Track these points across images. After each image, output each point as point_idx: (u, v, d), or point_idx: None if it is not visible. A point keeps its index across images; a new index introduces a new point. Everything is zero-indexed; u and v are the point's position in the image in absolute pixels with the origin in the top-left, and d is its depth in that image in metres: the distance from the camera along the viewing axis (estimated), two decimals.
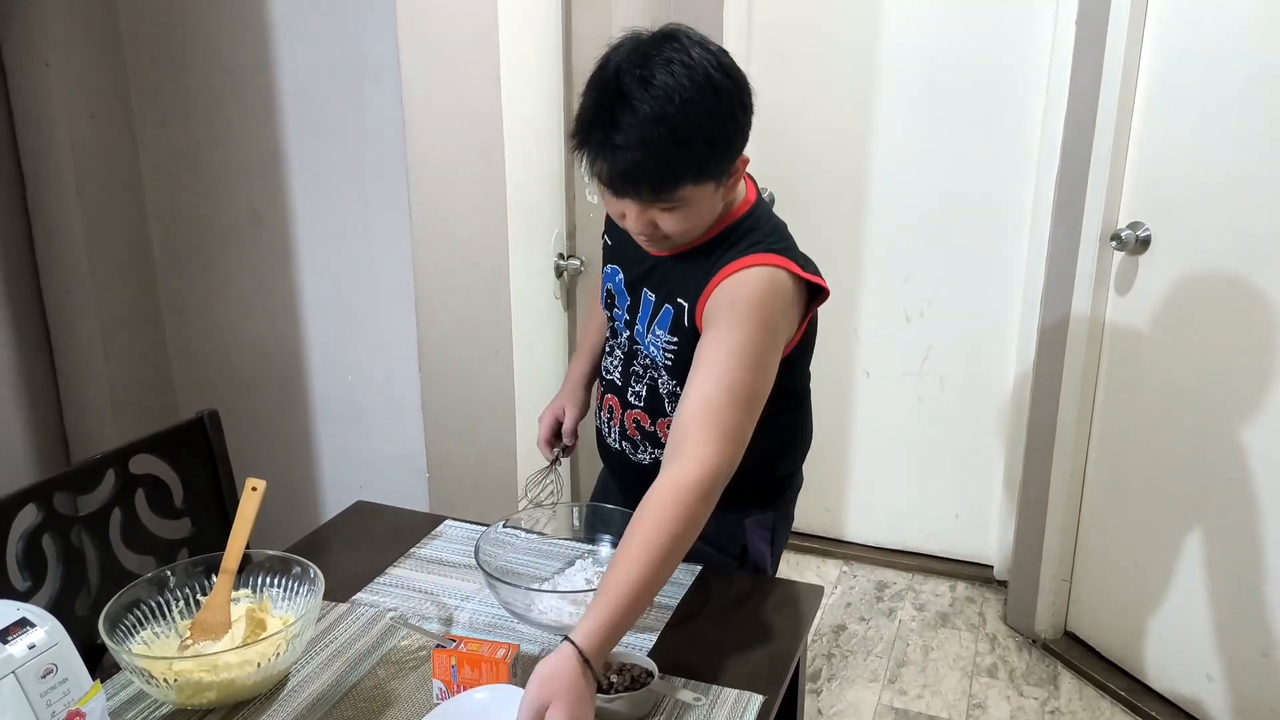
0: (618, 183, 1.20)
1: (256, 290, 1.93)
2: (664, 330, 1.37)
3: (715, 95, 1.17)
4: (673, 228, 1.26)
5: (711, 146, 1.19)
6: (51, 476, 1.39)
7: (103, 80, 1.84)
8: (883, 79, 2.71)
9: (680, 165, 1.18)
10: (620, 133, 1.16)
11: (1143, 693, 2.39)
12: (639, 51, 1.18)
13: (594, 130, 1.19)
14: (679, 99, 1.15)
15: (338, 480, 1.97)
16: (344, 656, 1.29)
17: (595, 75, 1.21)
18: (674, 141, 1.16)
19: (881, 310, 2.88)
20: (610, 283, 1.47)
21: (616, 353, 1.49)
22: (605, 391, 1.52)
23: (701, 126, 1.17)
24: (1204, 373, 2.14)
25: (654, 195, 1.21)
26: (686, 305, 1.33)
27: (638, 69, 1.16)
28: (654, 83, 1.15)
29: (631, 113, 1.15)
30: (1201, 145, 2.10)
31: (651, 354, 1.41)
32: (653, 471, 1.24)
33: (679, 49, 1.17)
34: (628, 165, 1.17)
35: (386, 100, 1.72)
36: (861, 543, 3.10)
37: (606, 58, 1.21)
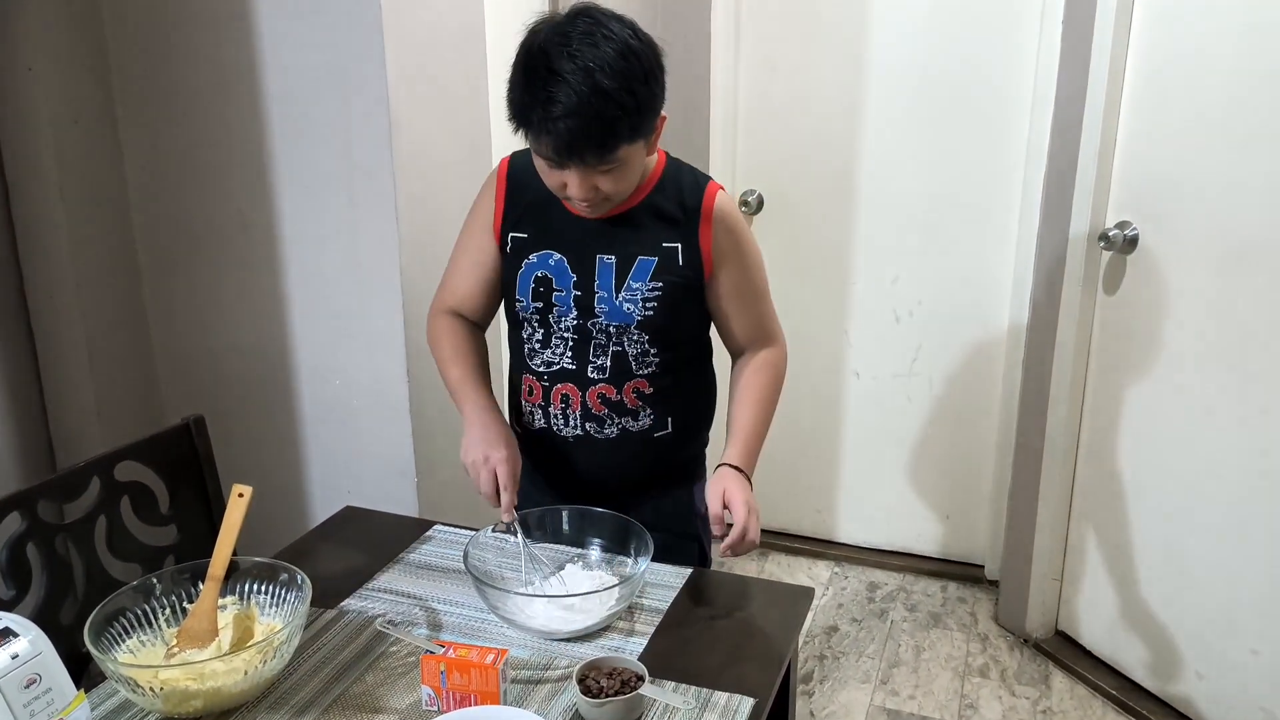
0: (563, 153, 1.29)
1: (243, 293, 1.92)
2: (643, 281, 1.44)
3: (636, 59, 1.28)
4: (612, 188, 1.36)
5: (640, 106, 1.29)
6: (35, 484, 1.37)
7: (86, 85, 1.83)
8: (871, 81, 2.71)
9: (617, 126, 1.28)
10: (557, 104, 1.25)
11: (1134, 691, 2.39)
12: (560, 31, 1.28)
13: (532, 109, 1.27)
14: (607, 67, 1.25)
15: (326, 485, 1.96)
16: (332, 663, 1.28)
17: (520, 59, 1.30)
18: (608, 105, 1.26)
19: (871, 311, 2.88)
20: (541, 269, 1.46)
21: (556, 341, 1.48)
22: (551, 384, 1.50)
23: (630, 89, 1.27)
24: (1193, 371, 2.15)
25: (597, 159, 1.30)
26: (679, 245, 1.44)
27: (563, 46, 1.26)
28: (582, 56, 1.25)
29: (565, 85, 1.25)
30: (1189, 144, 2.10)
31: (621, 314, 1.44)
32: (623, 441, 1.51)
33: (595, 24, 1.28)
34: (570, 134, 1.26)
35: (372, 101, 1.71)
36: (852, 544, 3.10)
37: (528, 42, 1.30)
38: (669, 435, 1.55)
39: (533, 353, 1.51)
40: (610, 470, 1.55)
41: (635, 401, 1.50)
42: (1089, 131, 2.27)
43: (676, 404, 1.54)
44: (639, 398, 1.50)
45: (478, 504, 2.08)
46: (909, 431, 2.94)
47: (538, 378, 1.51)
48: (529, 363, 1.52)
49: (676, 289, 1.45)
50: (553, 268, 1.46)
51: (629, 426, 1.51)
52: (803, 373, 3.00)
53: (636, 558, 1.42)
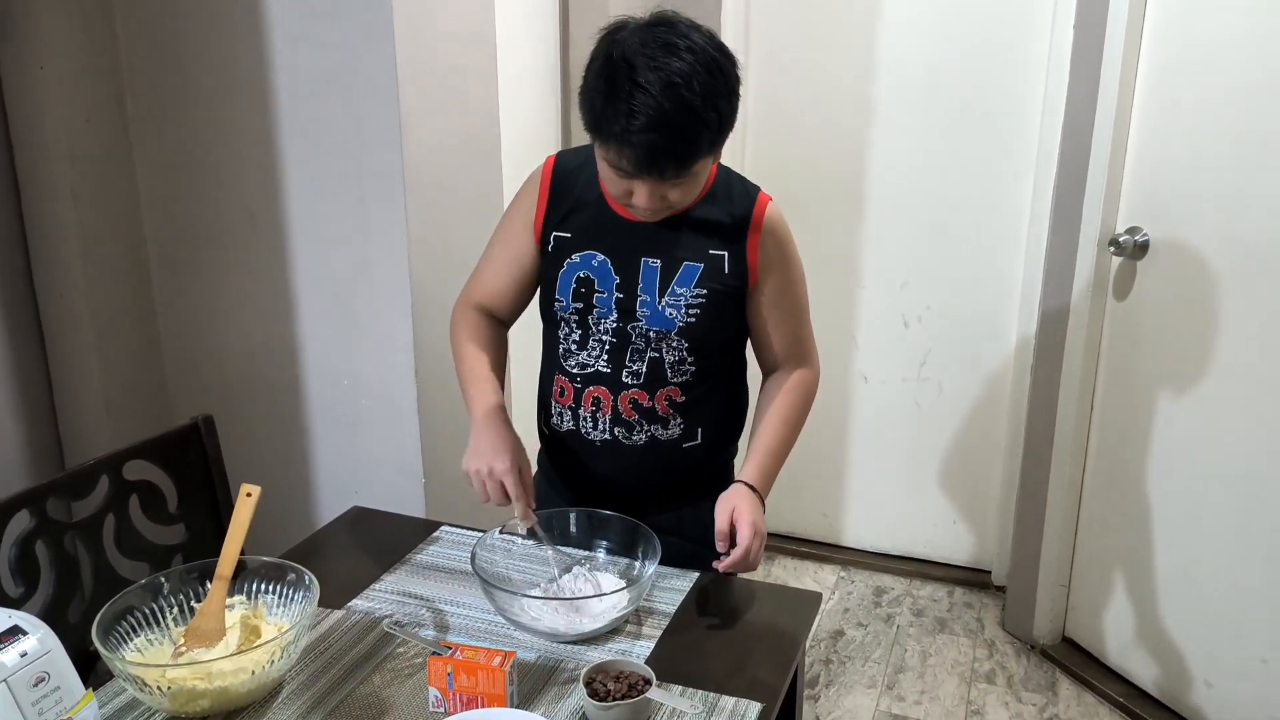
0: (643, 166, 1.26)
1: (252, 293, 1.92)
2: (688, 287, 1.42)
3: (721, 75, 1.26)
4: (680, 197, 1.35)
5: (721, 120, 1.28)
6: (45, 483, 1.38)
7: (98, 83, 1.83)
8: (880, 83, 2.71)
9: (699, 141, 1.26)
10: (639, 117, 1.22)
11: (1141, 699, 2.38)
12: (644, 40, 1.25)
13: (614, 120, 1.24)
14: (694, 82, 1.23)
15: (334, 485, 1.96)
16: (339, 664, 1.28)
17: (600, 65, 1.27)
18: (692, 121, 1.24)
19: (879, 315, 2.88)
20: (584, 270, 1.44)
21: (593, 344, 1.47)
22: (583, 386, 1.49)
23: (713, 104, 1.25)
24: (1203, 378, 2.14)
25: (675, 173, 1.29)
26: (726, 254, 1.43)
27: (648, 57, 1.23)
28: (668, 69, 1.22)
29: (650, 98, 1.22)
30: (1199, 150, 2.10)
31: (663, 319, 1.43)
32: (651, 449, 1.49)
33: (679, 34, 1.25)
34: (652, 148, 1.24)
35: (383, 103, 1.71)
36: (859, 548, 3.09)
37: (607, 49, 1.27)
38: (698, 446, 1.53)
39: (568, 353, 1.49)
40: (635, 477, 1.53)
41: (666, 409, 1.48)
42: (1100, 136, 2.26)
43: (707, 415, 1.52)
44: (670, 405, 1.48)
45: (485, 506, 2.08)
46: (916, 436, 2.93)
47: (570, 379, 1.50)
48: (563, 363, 1.50)
49: (720, 297, 1.44)
50: (596, 269, 1.44)
51: (658, 434, 1.49)
52: None
53: (644, 561, 1.41)
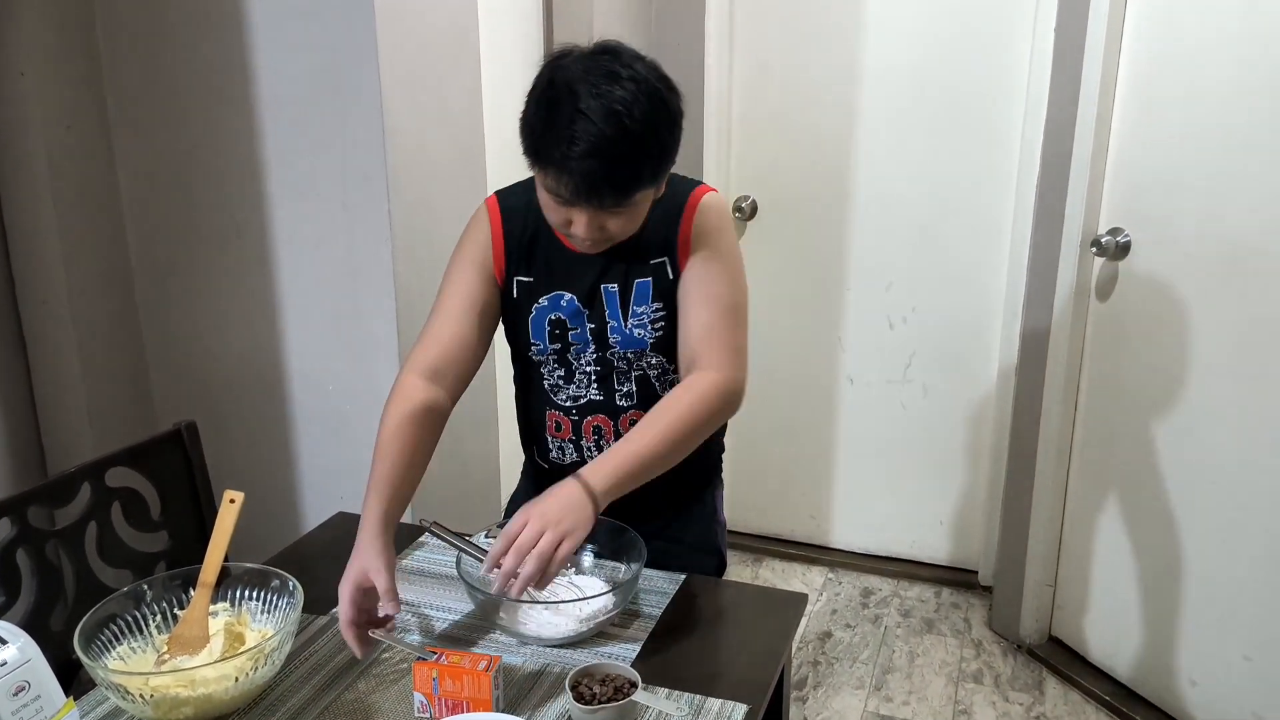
0: (581, 193, 1.24)
1: (236, 299, 1.91)
2: (646, 304, 1.40)
3: (663, 104, 1.24)
4: (619, 229, 1.32)
5: (663, 150, 1.26)
6: (26, 490, 1.37)
7: (79, 89, 1.83)
8: (864, 87, 2.72)
9: (638, 169, 1.24)
10: (579, 145, 1.20)
11: (1127, 697, 2.39)
12: (586, 68, 1.23)
13: (553, 146, 1.22)
14: (635, 110, 1.21)
15: (319, 491, 1.95)
16: (324, 670, 1.28)
17: (543, 91, 1.25)
18: (632, 149, 1.22)
19: (864, 317, 2.89)
20: (554, 312, 1.42)
21: (579, 377, 1.46)
22: (581, 417, 1.47)
23: (655, 133, 1.23)
24: (1185, 377, 2.15)
25: (614, 202, 1.26)
26: (666, 259, 1.40)
27: (590, 84, 1.21)
28: (610, 96, 1.20)
29: (591, 125, 1.20)
30: (1180, 150, 2.11)
31: (634, 341, 1.42)
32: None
33: (623, 64, 1.24)
34: (590, 175, 1.22)
35: (366, 108, 1.71)
36: (847, 549, 3.10)
37: (550, 75, 1.25)
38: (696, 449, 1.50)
39: (556, 388, 1.47)
40: (646, 491, 1.35)
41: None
42: (1081, 138, 2.28)
43: None
44: None
45: (471, 511, 2.08)
46: (902, 438, 2.94)
47: (565, 412, 1.48)
48: (553, 398, 1.48)
49: (674, 305, 1.41)
50: (565, 308, 1.42)
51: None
52: (796, 378, 3.01)
53: (630, 564, 1.41)
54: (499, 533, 1.45)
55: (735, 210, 2.90)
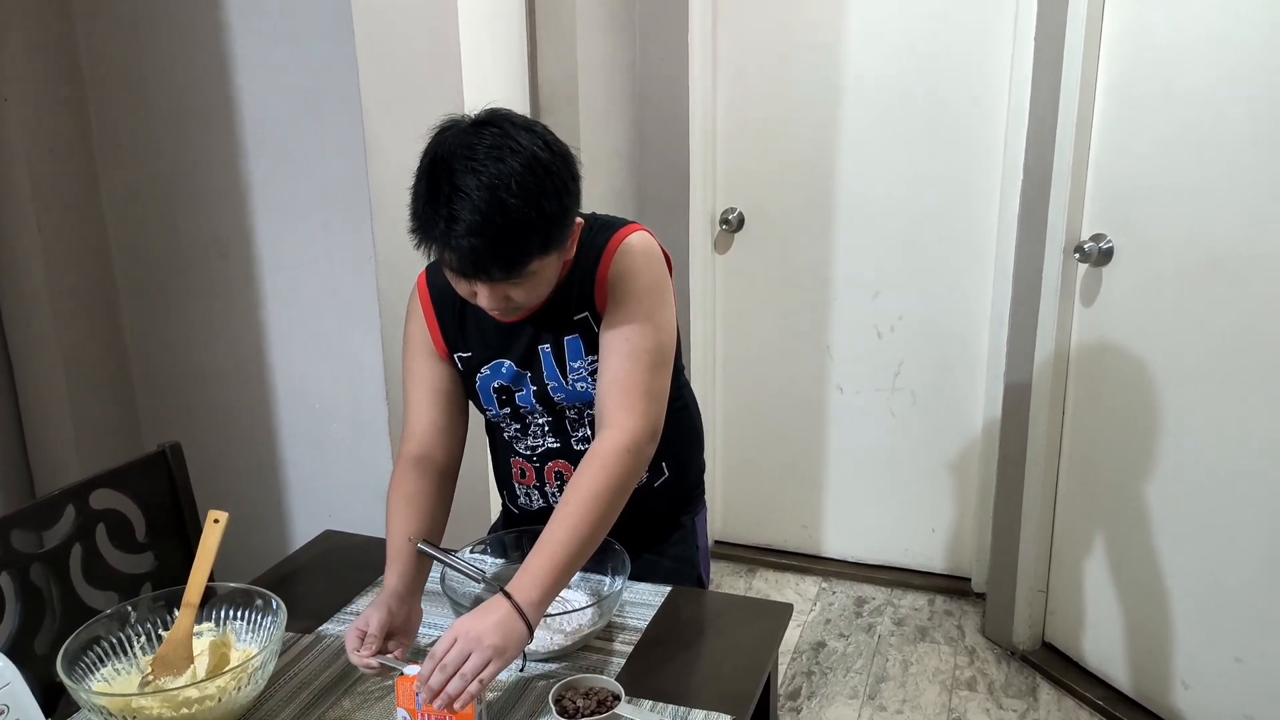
0: (468, 269, 1.21)
1: (220, 319, 1.92)
2: (580, 359, 1.39)
3: (546, 174, 1.20)
4: (524, 298, 1.28)
5: (549, 221, 1.21)
6: (9, 513, 1.37)
7: (62, 113, 1.84)
8: (848, 97, 2.74)
9: (524, 243, 1.21)
10: (460, 223, 1.17)
11: (1120, 702, 2.39)
12: (464, 143, 1.20)
13: (434, 224, 1.19)
14: (513, 184, 1.17)
15: (306, 509, 1.96)
16: (309, 688, 1.28)
17: (425, 166, 1.22)
18: (514, 224, 1.18)
19: (852, 326, 2.90)
20: (498, 379, 1.43)
21: (536, 431, 1.46)
22: (542, 464, 1.48)
23: (537, 206, 1.19)
24: (1171, 382, 2.16)
25: (504, 275, 1.22)
26: (588, 314, 1.37)
27: (468, 160, 1.18)
28: (487, 171, 1.17)
29: (468, 202, 1.17)
30: (1160, 155, 2.13)
31: (578, 395, 1.41)
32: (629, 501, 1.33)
33: (503, 134, 1.20)
34: (473, 252, 1.19)
35: (347, 127, 1.72)
36: (839, 558, 3.10)
37: (433, 149, 1.22)
38: (669, 479, 1.53)
39: (515, 439, 1.48)
40: (618, 527, 1.34)
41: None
42: (1062, 145, 2.29)
43: (667, 448, 1.45)
44: None
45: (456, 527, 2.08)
46: (893, 446, 2.95)
47: (527, 459, 1.49)
48: (514, 447, 1.49)
49: None
50: (505, 374, 1.42)
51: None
52: (786, 388, 3.02)
53: (614, 577, 1.42)
54: (484, 550, 1.47)
55: (722, 222, 2.91)
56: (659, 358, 1.33)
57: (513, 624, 1.15)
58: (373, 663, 1.23)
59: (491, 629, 1.14)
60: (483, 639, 1.13)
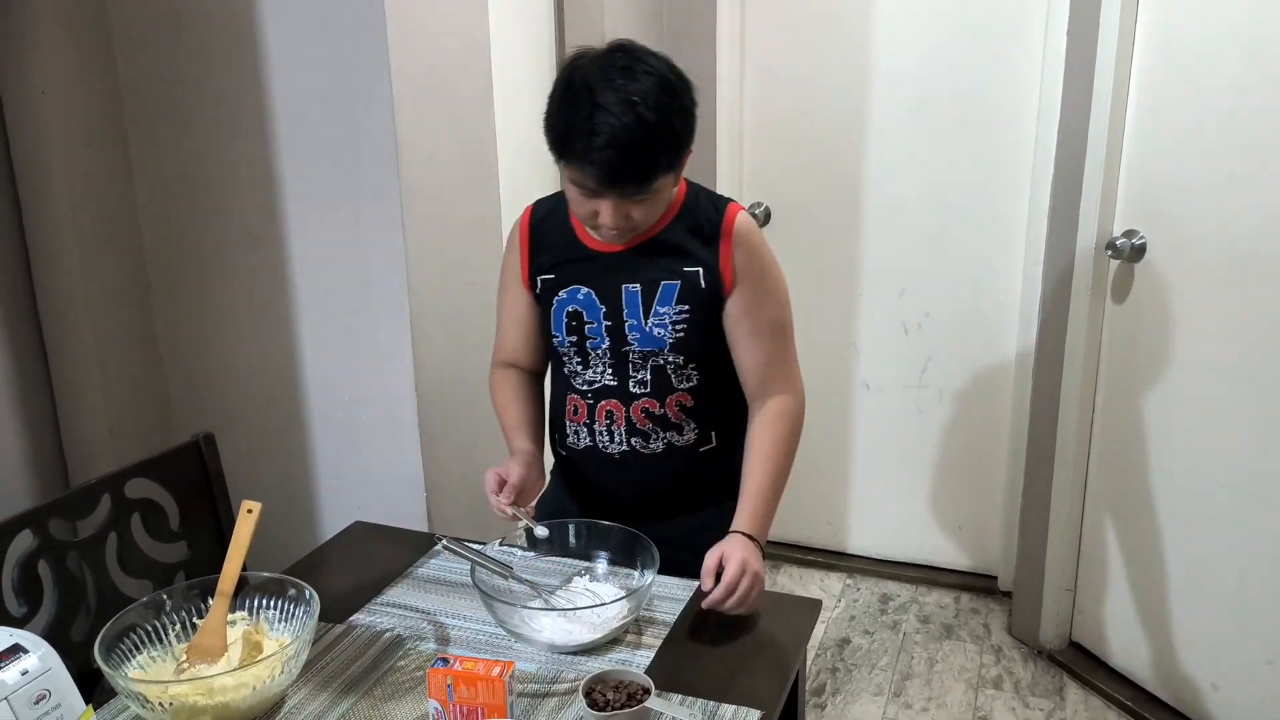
0: (605, 182, 1.32)
1: (251, 311, 1.93)
2: (669, 306, 1.46)
3: (675, 94, 1.33)
4: (643, 217, 1.41)
5: (677, 139, 1.34)
6: (46, 502, 1.39)
7: (97, 107, 1.85)
8: (876, 92, 2.72)
9: (656, 157, 1.32)
10: (599, 135, 1.29)
11: (1148, 702, 2.37)
12: (601, 65, 1.33)
13: (575, 140, 1.31)
14: (649, 100, 1.30)
15: (336, 500, 1.97)
16: (340, 678, 1.29)
17: (561, 92, 1.35)
18: (649, 137, 1.30)
19: (879, 323, 2.88)
20: (573, 304, 1.50)
21: (598, 364, 1.52)
22: (595, 401, 1.52)
23: (668, 122, 1.32)
24: (1203, 380, 2.14)
25: (636, 189, 1.34)
26: (700, 269, 1.46)
27: (606, 79, 1.30)
28: (625, 89, 1.30)
29: (609, 117, 1.29)
30: (1193, 151, 2.10)
31: (653, 340, 1.47)
32: (669, 456, 1.52)
33: (635, 58, 1.33)
34: (612, 163, 1.30)
35: (379, 120, 1.73)
36: (864, 555, 3.09)
37: (568, 76, 1.35)
38: (714, 449, 1.56)
39: (575, 374, 1.54)
40: (656, 487, 1.56)
41: (679, 415, 1.51)
42: (1094, 140, 2.27)
43: (719, 418, 1.55)
44: (682, 411, 1.51)
45: (487, 518, 2.09)
46: (919, 443, 2.93)
47: (582, 396, 1.54)
48: (572, 383, 1.54)
49: (703, 310, 1.47)
50: (581, 301, 1.49)
51: (674, 441, 1.53)
52: (812, 385, 2.99)
53: (643, 570, 1.42)
54: (516, 538, 1.48)
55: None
56: (791, 329, 1.54)
57: (757, 554, 1.40)
58: (508, 509, 1.42)
59: (755, 559, 1.38)
60: (760, 572, 1.38)
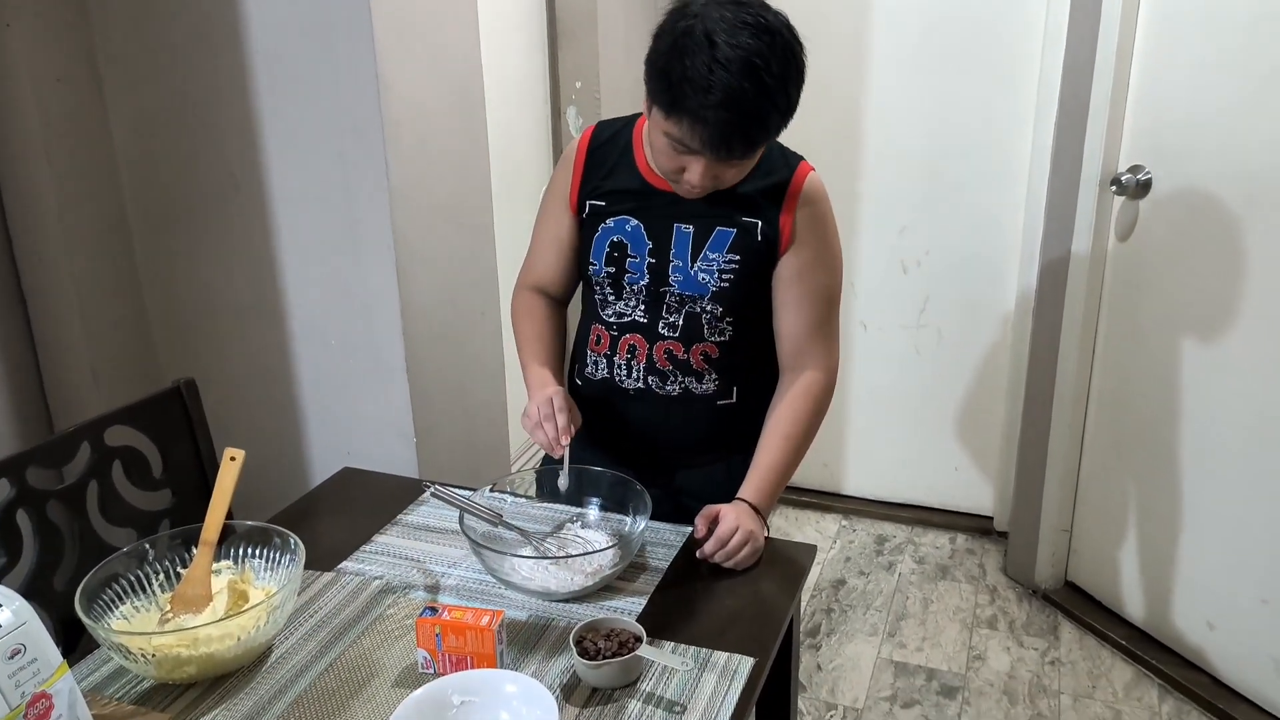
0: (711, 144, 1.24)
1: (236, 254, 1.89)
2: (720, 253, 1.41)
3: (795, 61, 1.24)
4: (732, 178, 1.35)
5: (789, 106, 1.26)
6: (23, 450, 1.36)
7: (68, 42, 1.78)
8: (876, 23, 2.64)
9: (767, 123, 1.25)
10: (715, 93, 1.20)
11: (1143, 641, 2.38)
12: (725, 17, 1.21)
13: (688, 94, 1.21)
14: (773, 64, 1.21)
15: (325, 447, 1.94)
16: (328, 627, 1.27)
17: (678, 39, 1.22)
18: (765, 103, 1.22)
19: (878, 261, 2.84)
20: (619, 234, 1.45)
21: (631, 299, 1.47)
22: (620, 334, 1.48)
23: (786, 90, 1.24)
24: (1207, 318, 2.10)
25: (742, 153, 1.28)
26: (760, 223, 1.41)
27: (731, 35, 1.20)
28: (750, 48, 1.20)
29: (728, 75, 1.19)
30: (1202, 86, 2.04)
31: (695, 284, 1.42)
32: (685, 401, 1.48)
33: (762, 15, 1.22)
34: (724, 125, 1.22)
35: (359, 55, 1.66)
36: (860, 496, 3.08)
37: (687, 23, 1.22)
38: (732, 405, 1.52)
39: (604, 303, 1.49)
40: (667, 430, 1.52)
41: (701, 364, 1.47)
42: (1101, 73, 2.21)
43: (743, 374, 1.51)
44: (706, 361, 1.47)
45: (477, 464, 2.07)
46: (917, 383, 2.90)
47: (607, 327, 1.50)
48: (600, 313, 1.50)
49: (754, 263, 1.42)
50: (629, 233, 1.44)
51: (692, 388, 1.49)
52: None
53: (635, 517, 1.40)
54: (505, 484, 1.46)
55: None
56: (838, 297, 1.48)
57: (759, 521, 1.40)
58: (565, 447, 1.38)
59: (753, 523, 1.38)
60: (756, 534, 1.38)
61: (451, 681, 1.10)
